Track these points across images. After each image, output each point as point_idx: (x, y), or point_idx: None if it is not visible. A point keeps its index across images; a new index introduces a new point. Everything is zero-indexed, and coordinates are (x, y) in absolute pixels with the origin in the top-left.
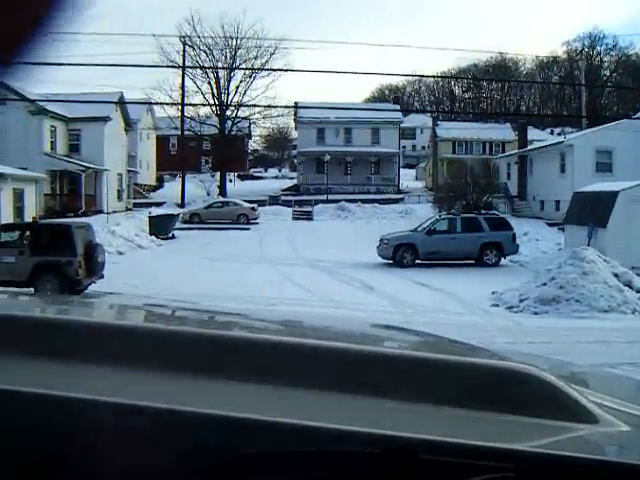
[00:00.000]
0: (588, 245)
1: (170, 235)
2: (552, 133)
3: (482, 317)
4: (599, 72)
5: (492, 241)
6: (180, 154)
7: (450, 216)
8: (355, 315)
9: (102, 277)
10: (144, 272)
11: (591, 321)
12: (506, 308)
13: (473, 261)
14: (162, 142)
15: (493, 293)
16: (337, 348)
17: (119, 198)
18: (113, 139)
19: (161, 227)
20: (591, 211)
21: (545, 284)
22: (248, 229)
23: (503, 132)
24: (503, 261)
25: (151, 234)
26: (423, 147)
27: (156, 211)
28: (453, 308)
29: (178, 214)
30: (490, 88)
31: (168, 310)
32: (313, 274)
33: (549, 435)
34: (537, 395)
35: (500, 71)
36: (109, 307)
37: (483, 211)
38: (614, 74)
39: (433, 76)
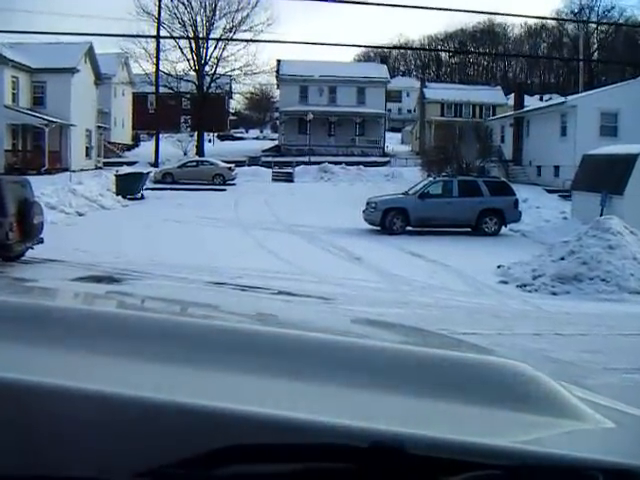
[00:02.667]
0: (601, 215)
1: (139, 195)
2: (541, 99)
3: (492, 298)
4: (596, 37)
5: (492, 207)
6: (156, 111)
7: (446, 178)
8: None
9: (41, 242)
10: (101, 236)
11: (622, 305)
12: (517, 286)
13: (470, 229)
14: (139, 100)
15: (499, 267)
16: (319, 339)
17: (87, 156)
18: (81, 93)
19: (129, 187)
20: (604, 176)
21: (563, 259)
22: (224, 190)
23: (494, 95)
24: (503, 230)
25: (118, 194)
26: (409, 110)
27: (126, 170)
28: (455, 285)
29: (148, 173)
30: (478, 53)
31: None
32: (291, 241)
33: (535, 432)
34: (525, 392)
35: (488, 37)
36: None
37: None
38: (609, 39)
39: (451, 9)
